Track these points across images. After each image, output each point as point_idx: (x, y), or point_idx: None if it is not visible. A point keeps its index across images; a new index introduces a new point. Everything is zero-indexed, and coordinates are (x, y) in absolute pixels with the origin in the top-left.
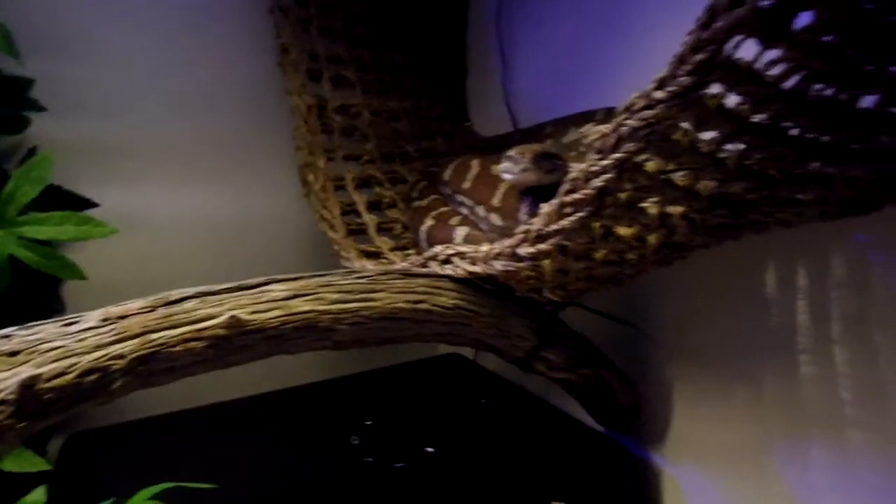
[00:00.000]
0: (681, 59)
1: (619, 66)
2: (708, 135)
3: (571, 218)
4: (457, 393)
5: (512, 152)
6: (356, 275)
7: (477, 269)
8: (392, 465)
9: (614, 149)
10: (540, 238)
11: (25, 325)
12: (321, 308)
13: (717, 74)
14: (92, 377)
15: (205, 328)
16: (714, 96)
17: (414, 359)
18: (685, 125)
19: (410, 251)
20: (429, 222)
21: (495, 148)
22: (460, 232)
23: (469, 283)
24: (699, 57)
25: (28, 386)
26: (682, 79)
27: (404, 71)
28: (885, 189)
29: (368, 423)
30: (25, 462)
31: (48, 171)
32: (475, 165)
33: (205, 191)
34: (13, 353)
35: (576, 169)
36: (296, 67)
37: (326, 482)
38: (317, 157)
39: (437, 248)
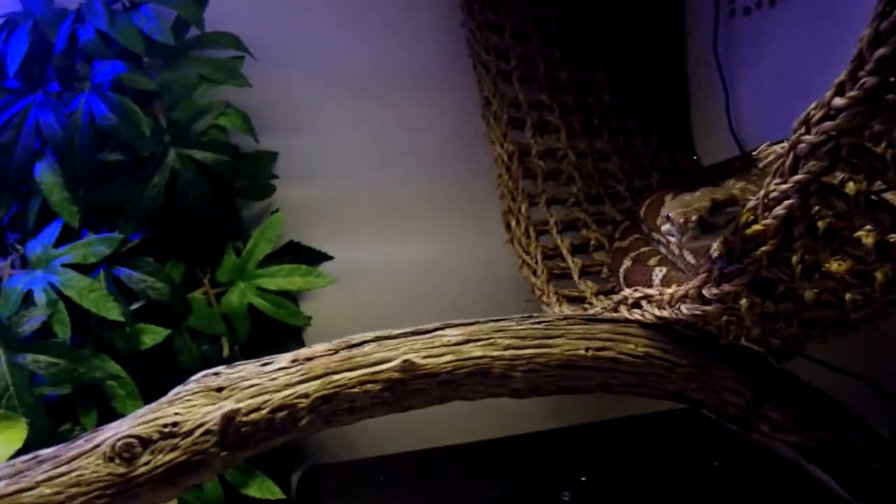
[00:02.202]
0: (860, 58)
1: None
2: None
3: (755, 253)
4: (688, 452)
5: (672, 213)
6: (532, 320)
7: (665, 313)
8: None
9: (793, 170)
10: (724, 277)
11: (231, 364)
12: (494, 354)
13: None
14: (282, 413)
15: (380, 371)
16: None
17: (647, 412)
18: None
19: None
20: (627, 263)
21: (713, 178)
22: (658, 273)
23: (665, 329)
24: (882, 52)
25: (229, 419)
26: (865, 80)
27: (613, 110)
28: None
29: (583, 478)
30: (266, 490)
31: (279, 230)
32: (668, 200)
33: (418, 239)
34: (219, 389)
35: (755, 197)
36: (497, 118)
37: None
38: (519, 202)
39: (628, 291)
